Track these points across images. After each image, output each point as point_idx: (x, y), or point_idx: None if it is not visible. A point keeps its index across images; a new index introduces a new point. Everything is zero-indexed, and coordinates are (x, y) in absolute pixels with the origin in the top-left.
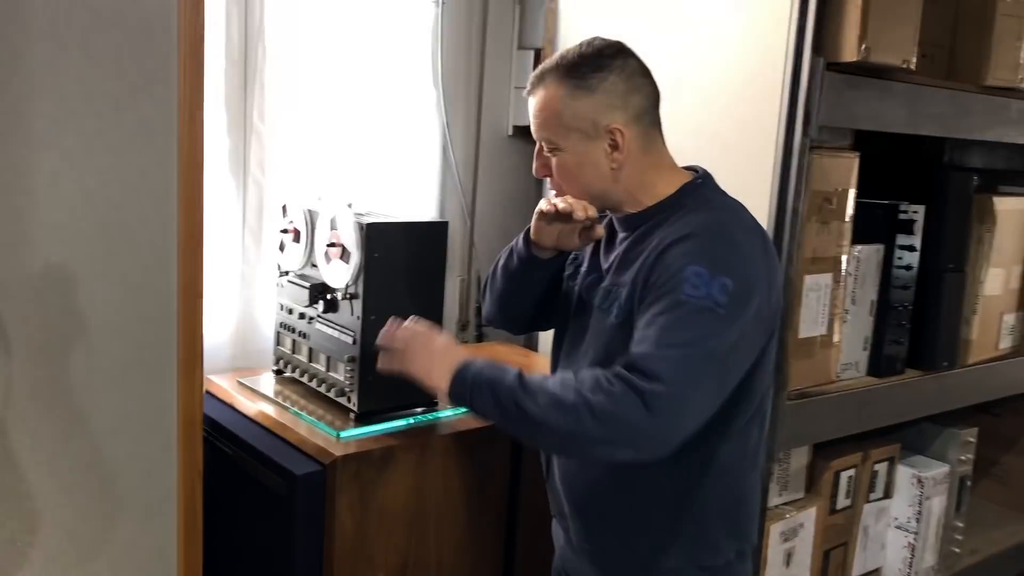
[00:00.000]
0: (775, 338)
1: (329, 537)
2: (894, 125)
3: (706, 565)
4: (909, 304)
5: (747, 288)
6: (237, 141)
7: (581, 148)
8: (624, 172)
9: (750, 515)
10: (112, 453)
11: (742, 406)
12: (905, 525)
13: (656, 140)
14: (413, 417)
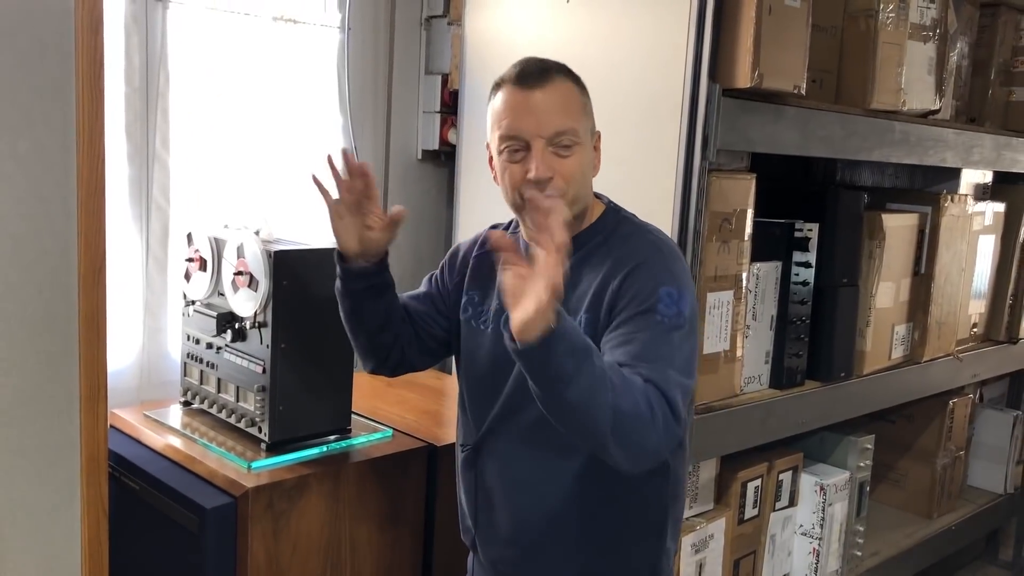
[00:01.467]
0: None
1: (242, 570)
2: (787, 147)
3: (660, 567)
4: (807, 318)
5: (695, 303)
6: (139, 169)
7: (587, 149)
8: (593, 176)
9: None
10: (8, 494)
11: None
12: (810, 532)
13: None
14: (326, 445)
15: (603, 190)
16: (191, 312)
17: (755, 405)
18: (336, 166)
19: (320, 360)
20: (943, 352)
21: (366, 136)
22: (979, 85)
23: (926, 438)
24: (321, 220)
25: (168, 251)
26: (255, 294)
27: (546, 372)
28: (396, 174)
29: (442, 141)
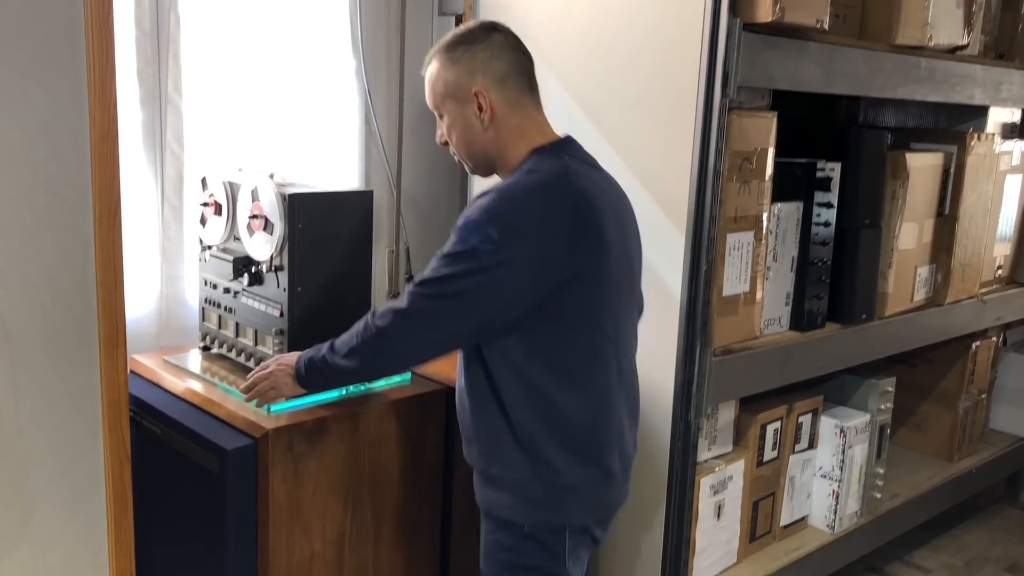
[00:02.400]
0: (583, 289)
1: (263, 510)
2: (809, 84)
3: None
4: (828, 260)
5: (514, 238)
6: (152, 114)
7: (457, 112)
8: (494, 131)
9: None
10: (32, 439)
11: (525, 345)
12: (829, 474)
13: (523, 103)
14: (345, 388)
15: (618, 131)
16: (207, 257)
17: (775, 348)
18: None
19: (337, 303)
20: (967, 294)
21: (379, 79)
22: (1009, 20)
23: (948, 381)
24: (334, 163)
25: (183, 197)
26: (271, 238)
27: (328, 384)
28: (410, 117)
29: None
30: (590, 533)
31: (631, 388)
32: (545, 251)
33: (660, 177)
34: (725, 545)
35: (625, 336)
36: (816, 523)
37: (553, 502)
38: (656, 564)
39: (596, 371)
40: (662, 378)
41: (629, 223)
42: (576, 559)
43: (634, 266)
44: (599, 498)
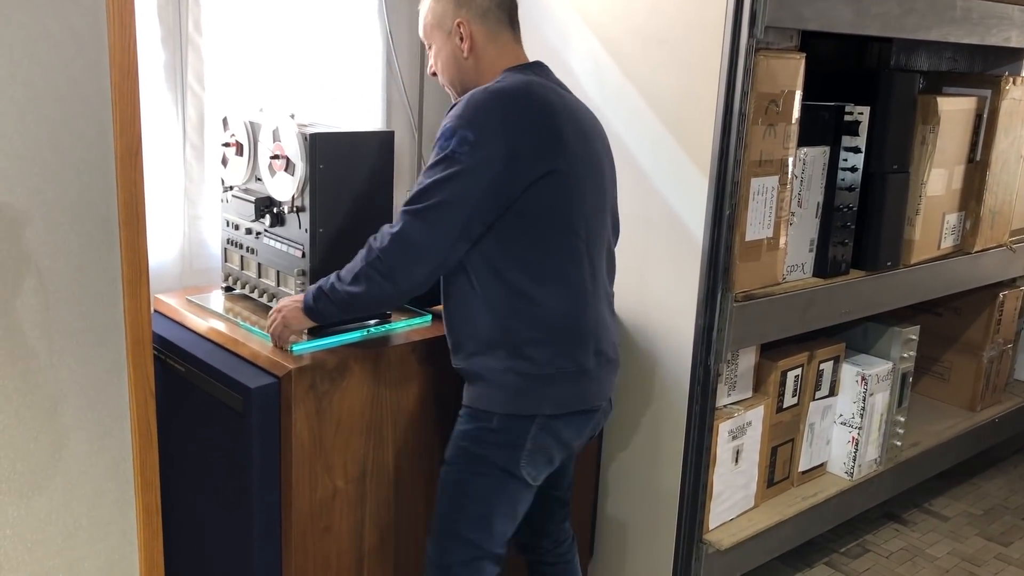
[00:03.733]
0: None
1: (286, 448)
2: (840, 25)
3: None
4: (854, 206)
5: (488, 136)
6: (173, 54)
7: (443, 43)
8: (473, 61)
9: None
10: (59, 374)
11: (500, 247)
12: (849, 421)
13: (502, 36)
14: (366, 329)
15: (642, 71)
16: (229, 198)
17: (797, 294)
18: None
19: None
20: (995, 242)
21: (401, 19)
22: None
23: (974, 331)
24: (355, 104)
25: (204, 137)
26: (292, 178)
27: (336, 313)
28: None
29: None
30: (557, 436)
31: (607, 295)
32: (515, 146)
33: (684, 119)
34: (742, 490)
35: (597, 244)
36: (835, 470)
37: (525, 390)
38: (673, 507)
39: (570, 269)
40: (682, 323)
41: (596, 141)
42: (533, 463)
43: (605, 183)
44: (570, 391)
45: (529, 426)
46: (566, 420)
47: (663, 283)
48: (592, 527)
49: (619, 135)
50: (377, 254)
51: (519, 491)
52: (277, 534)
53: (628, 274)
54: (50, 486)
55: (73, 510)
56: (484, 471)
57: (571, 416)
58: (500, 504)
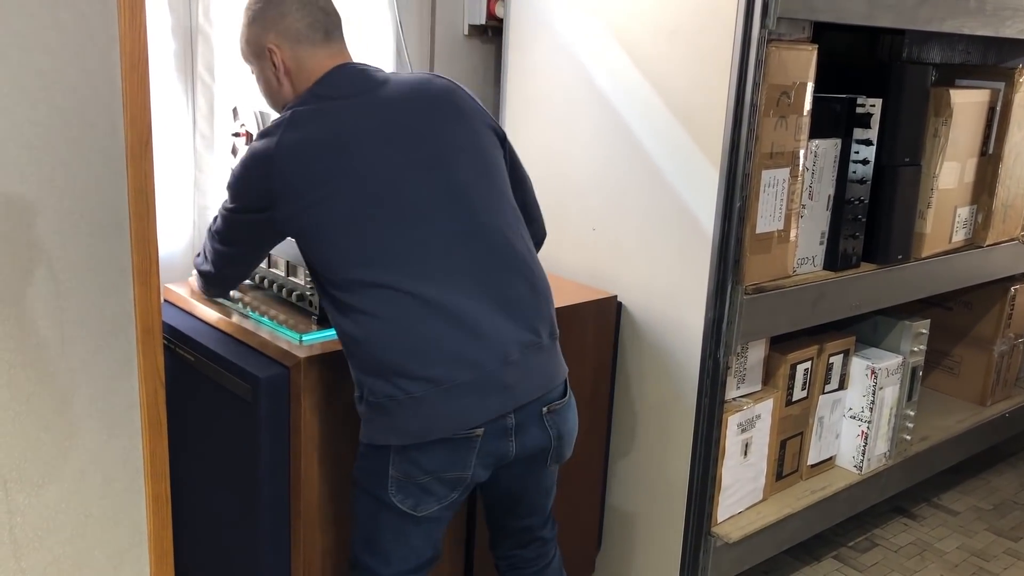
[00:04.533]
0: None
1: (295, 438)
2: (852, 16)
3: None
4: (865, 198)
5: (240, 198)
6: (183, 43)
7: (259, 68)
8: (288, 84)
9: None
10: (70, 364)
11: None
12: (859, 415)
13: (315, 57)
14: None
15: (653, 61)
16: None
17: (807, 287)
18: None
19: None
20: (1007, 236)
21: (411, 10)
22: None
23: (984, 325)
24: None
25: (215, 127)
26: None
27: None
28: (442, 51)
29: (489, 15)
30: (417, 464)
31: (458, 313)
32: (259, 204)
33: (695, 110)
34: (751, 483)
35: (419, 262)
36: (844, 463)
37: (371, 420)
38: (681, 500)
39: (370, 302)
40: (692, 315)
41: (406, 144)
42: (404, 490)
43: (424, 195)
44: (410, 421)
45: (386, 456)
46: (423, 451)
47: (672, 275)
48: (600, 519)
49: (629, 126)
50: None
51: (402, 521)
52: (286, 524)
53: (637, 266)
54: (60, 476)
55: (83, 500)
56: (362, 497)
57: (428, 446)
58: (385, 531)
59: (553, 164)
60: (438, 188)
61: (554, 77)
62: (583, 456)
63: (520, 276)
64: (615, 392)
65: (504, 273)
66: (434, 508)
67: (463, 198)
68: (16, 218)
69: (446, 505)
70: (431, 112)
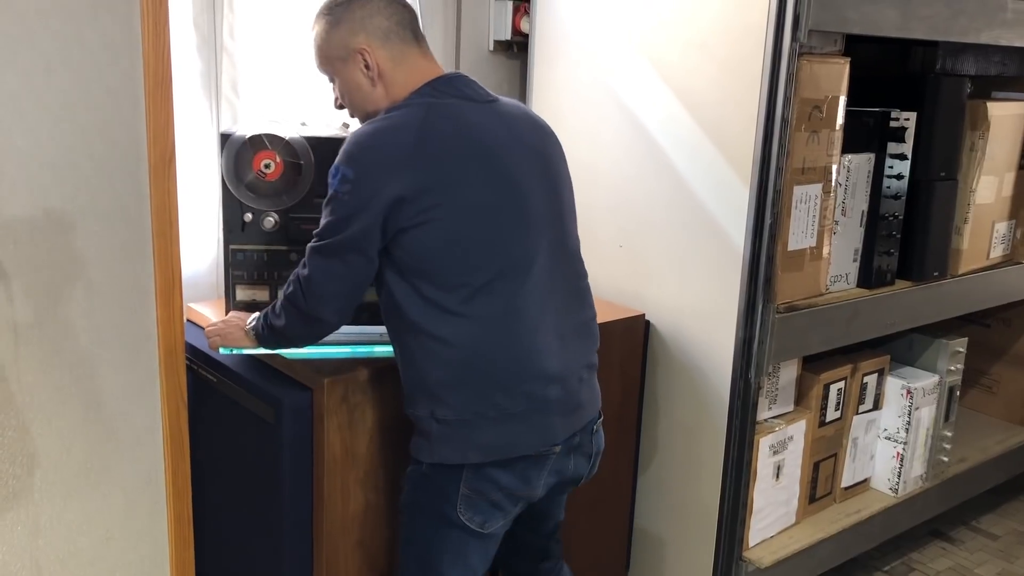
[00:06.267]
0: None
1: (318, 460)
2: (886, 28)
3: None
4: (900, 214)
5: (363, 175)
6: (208, 62)
7: (345, 73)
8: (383, 87)
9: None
10: (93, 384)
11: (403, 283)
12: (894, 436)
13: (408, 56)
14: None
15: (680, 76)
16: None
17: (841, 305)
18: None
19: None
20: None
21: (436, 26)
22: None
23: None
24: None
25: None
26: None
27: (271, 346)
28: (467, 67)
29: (515, 31)
30: (495, 483)
31: (549, 331)
32: (392, 188)
33: (724, 125)
34: (783, 506)
35: (524, 270)
36: (879, 486)
37: (447, 438)
38: (712, 523)
39: (478, 305)
40: (722, 334)
41: (523, 160)
42: (474, 507)
43: (530, 203)
44: (497, 438)
45: (459, 474)
46: (502, 468)
47: (702, 294)
48: (628, 542)
49: (656, 141)
50: (288, 293)
51: (465, 540)
52: (308, 548)
53: (666, 284)
54: (82, 496)
55: (105, 520)
56: (424, 519)
57: (509, 463)
58: (445, 554)
59: (579, 180)
60: (549, 205)
61: (580, 92)
62: (611, 477)
63: (589, 300)
64: (643, 413)
65: (581, 296)
66: (499, 524)
67: (561, 219)
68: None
69: (508, 521)
70: (539, 133)
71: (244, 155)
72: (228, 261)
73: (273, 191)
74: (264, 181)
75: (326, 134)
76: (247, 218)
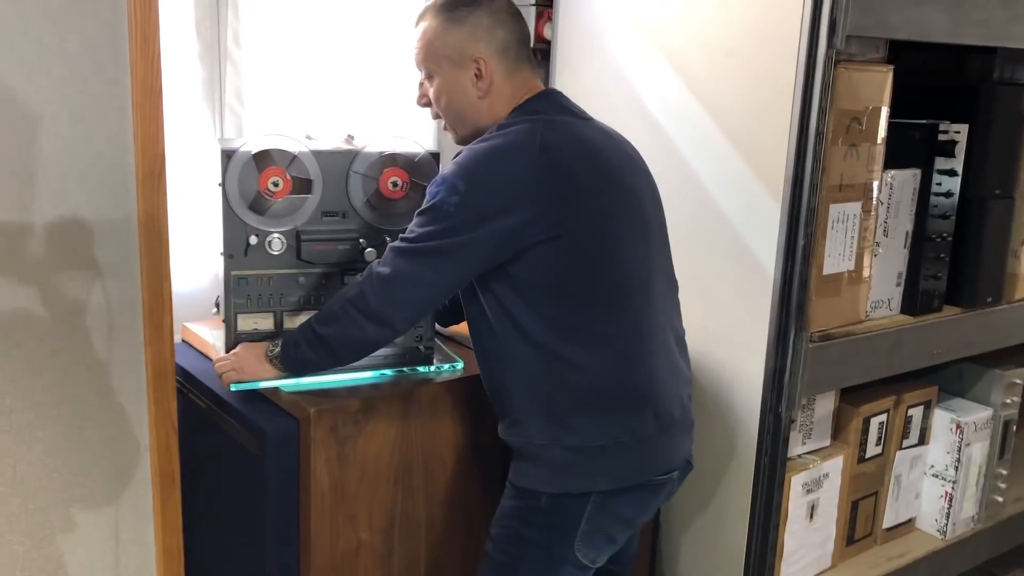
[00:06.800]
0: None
1: (304, 496)
2: (934, 33)
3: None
4: (949, 235)
5: (480, 191)
6: (211, 69)
7: (451, 75)
8: (489, 100)
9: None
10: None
11: (525, 304)
12: (943, 473)
13: (520, 72)
14: (391, 369)
15: (708, 85)
16: None
17: (882, 333)
18: None
19: None
20: None
21: None
22: None
23: None
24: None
25: None
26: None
27: (308, 367)
28: None
29: (538, 37)
30: (618, 514)
31: (667, 349)
32: (512, 204)
33: (754, 138)
34: (818, 548)
35: (646, 288)
36: (925, 527)
37: (574, 465)
38: (739, 567)
39: (608, 327)
40: (751, 365)
41: (630, 175)
42: (590, 544)
43: (648, 219)
44: (628, 463)
45: (583, 505)
46: (627, 495)
47: (729, 320)
48: None
49: (681, 154)
50: (351, 295)
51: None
52: None
53: (690, 309)
54: (63, 526)
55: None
56: (533, 556)
57: (633, 490)
58: None
59: None
60: (657, 219)
61: (604, 101)
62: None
63: (680, 315)
64: None
65: (679, 310)
66: (604, 558)
67: (664, 233)
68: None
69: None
70: (635, 151)
71: (249, 172)
72: (229, 288)
73: (281, 211)
74: (271, 200)
75: (333, 147)
76: (252, 241)
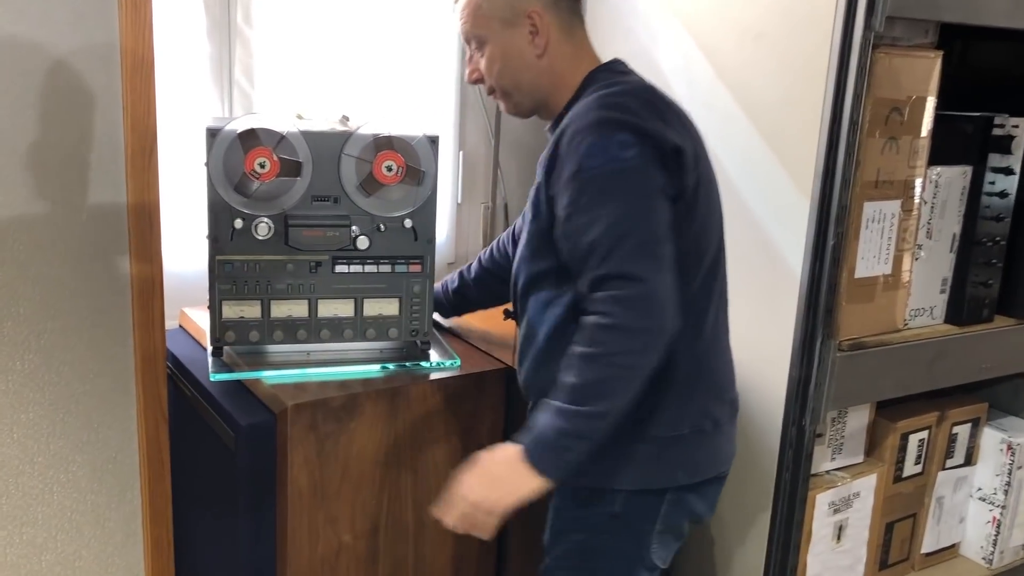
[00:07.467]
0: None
1: (281, 495)
2: (989, 16)
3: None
4: (1002, 238)
5: (647, 136)
6: (219, 46)
7: (504, 37)
8: (548, 59)
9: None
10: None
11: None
12: (990, 497)
13: (577, 29)
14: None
15: (736, 70)
16: None
17: (922, 343)
18: None
19: None
20: None
21: None
22: None
23: None
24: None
25: None
26: None
27: (574, 460)
28: None
29: None
30: (691, 510)
31: (728, 326)
32: (667, 151)
33: (783, 128)
34: (847, 572)
35: (723, 265)
36: (969, 553)
37: (656, 458)
38: None
39: (704, 301)
40: (774, 373)
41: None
42: (664, 545)
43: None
44: (706, 453)
45: (660, 502)
46: (701, 489)
47: (751, 324)
48: None
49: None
50: (604, 324)
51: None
52: None
53: None
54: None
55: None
56: (608, 567)
57: (706, 484)
58: None
59: None
60: (722, 231)
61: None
62: None
63: None
64: None
65: None
66: (671, 558)
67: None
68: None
69: None
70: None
71: (234, 152)
72: (214, 273)
73: (268, 193)
74: (258, 182)
75: (325, 128)
76: (237, 225)
